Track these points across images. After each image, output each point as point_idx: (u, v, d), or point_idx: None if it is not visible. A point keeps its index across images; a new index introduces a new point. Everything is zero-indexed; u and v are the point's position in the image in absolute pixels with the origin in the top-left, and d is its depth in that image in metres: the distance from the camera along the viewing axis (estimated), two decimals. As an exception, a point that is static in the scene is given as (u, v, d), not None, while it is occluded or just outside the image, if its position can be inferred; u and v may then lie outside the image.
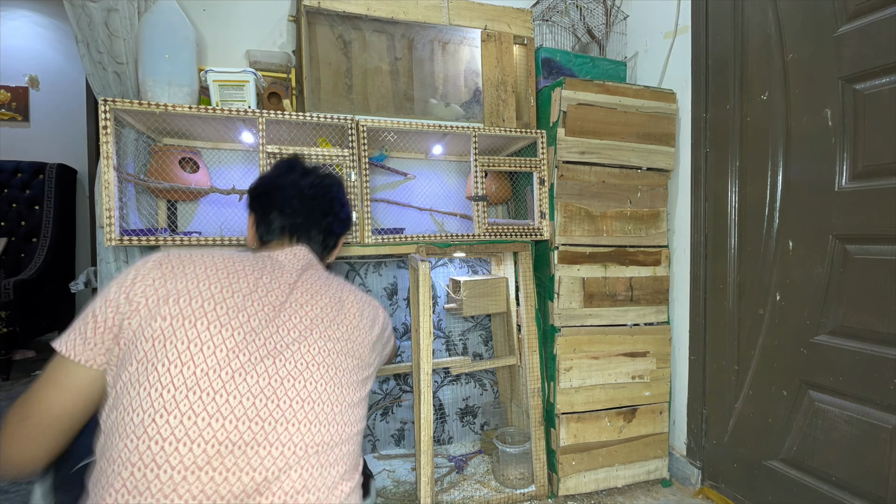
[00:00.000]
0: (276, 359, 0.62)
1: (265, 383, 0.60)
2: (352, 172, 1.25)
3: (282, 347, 0.63)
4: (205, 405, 0.55)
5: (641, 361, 1.46)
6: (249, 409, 0.57)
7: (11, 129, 3.11)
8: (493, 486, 1.42)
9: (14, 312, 2.39)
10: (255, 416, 0.58)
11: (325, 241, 0.87)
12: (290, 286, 0.71)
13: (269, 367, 0.61)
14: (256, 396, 0.58)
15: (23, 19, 3.15)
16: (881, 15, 0.99)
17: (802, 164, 1.15)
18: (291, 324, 0.67)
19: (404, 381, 1.66)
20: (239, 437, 0.56)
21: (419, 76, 1.57)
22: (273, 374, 0.61)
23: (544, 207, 1.41)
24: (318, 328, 0.69)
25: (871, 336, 1.02)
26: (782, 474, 1.19)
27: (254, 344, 0.61)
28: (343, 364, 0.69)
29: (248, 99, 1.30)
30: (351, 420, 0.67)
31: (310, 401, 0.62)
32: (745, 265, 1.30)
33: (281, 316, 0.66)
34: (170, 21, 1.23)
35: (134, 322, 0.58)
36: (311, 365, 0.65)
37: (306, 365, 0.64)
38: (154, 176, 1.25)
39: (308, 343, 0.66)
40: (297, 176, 0.87)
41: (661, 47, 1.59)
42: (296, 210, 0.84)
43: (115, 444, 0.54)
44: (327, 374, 0.66)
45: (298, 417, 0.61)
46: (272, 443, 0.58)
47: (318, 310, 0.71)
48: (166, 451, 0.53)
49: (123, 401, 0.55)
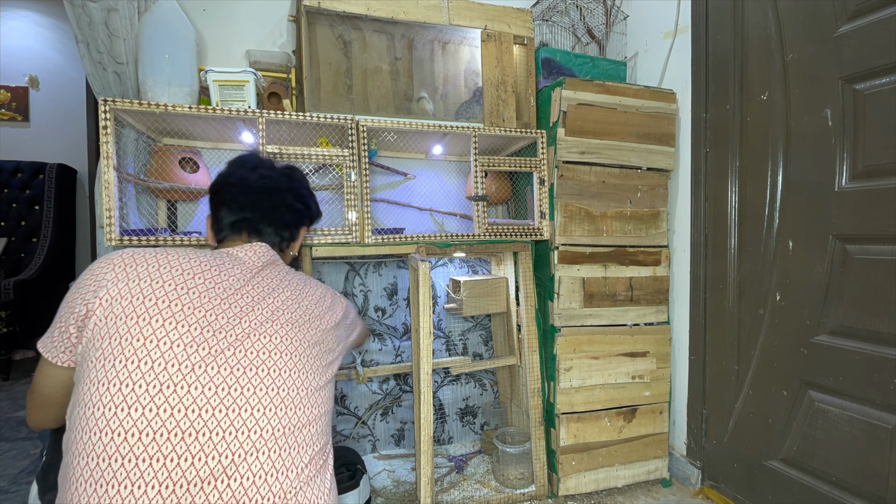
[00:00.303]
0: (236, 349, 0.64)
1: (227, 373, 0.62)
2: (352, 172, 1.25)
3: (242, 338, 0.66)
4: (166, 398, 0.58)
5: (641, 361, 1.46)
6: (212, 398, 0.60)
7: (11, 129, 3.10)
8: (493, 486, 1.42)
9: (14, 312, 2.39)
10: (218, 404, 0.60)
11: (279, 234, 0.87)
12: (247, 282, 0.73)
13: (230, 357, 0.63)
14: (219, 386, 0.61)
15: (23, 19, 3.15)
16: (881, 15, 0.99)
17: (802, 164, 1.15)
18: (252, 316, 0.69)
19: (404, 381, 1.66)
20: (203, 426, 0.58)
21: (419, 76, 1.57)
22: (234, 364, 0.63)
23: (544, 207, 1.41)
24: (279, 319, 0.71)
25: (871, 336, 1.02)
26: (782, 474, 1.19)
27: (214, 338, 0.64)
28: (306, 351, 0.72)
29: (248, 99, 1.30)
30: (316, 402, 0.71)
31: (273, 387, 0.65)
32: (745, 265, 1.30)
33: (240, 309, 0.69)
34: (170, 21, 1.23)
35: (90, 322, 0.61)
36: (274, 353, 0.67)
37: (268, 353, 0.67)
38: (154, 176, 1.25)
39: (269, 333, 0.69)
40: (247, 171, 0.87)
41: (661, 47, 1.59)
42: (243, 205, 0.84)
43: (79, 439, 0.56)
44: (290, 360, 0.69)
45: (263, 403, 0.63)
46: (238, 428, 0.60)
47: (279, 302, 0.74)
48: (129, 443, 0.55)
49: (84, 397, 0.57)
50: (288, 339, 0.70)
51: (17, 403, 2.16)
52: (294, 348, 0.71)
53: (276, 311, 0.72)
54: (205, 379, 0.61)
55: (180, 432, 0.57)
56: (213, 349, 0.63)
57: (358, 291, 1.60)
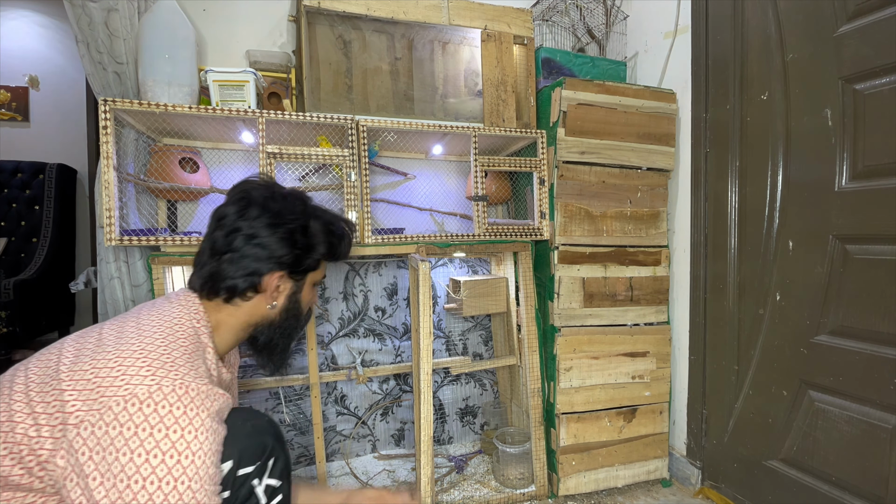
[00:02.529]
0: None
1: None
2: (352, 172, 1.25)
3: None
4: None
5: (641, 361, 1.46)
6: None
7: (11, 129, 3.10)
8: (493, 486, 1.42)
9: (14, 312, 2.39)
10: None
11: (213, 284, 0.76)
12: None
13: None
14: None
15: (23, 19, 3.15)
16: (881, 15, 0.99)
17: (802, 164, 1.15)
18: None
19: (404, 381, 1.66)
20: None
21: (419, 76, 1.57)
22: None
23: (544, 207, 1.41)
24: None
25: (871, 336, 1.02)
26: (782, 474, 1.19)
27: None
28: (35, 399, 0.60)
29: (248, 99, 1.30)
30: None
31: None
32: (745, 265, 1.30)
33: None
34: (170, 21, 1.23)
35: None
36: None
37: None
38: (154, 176, 1.25)
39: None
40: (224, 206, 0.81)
41: (661, 47, 1.59)
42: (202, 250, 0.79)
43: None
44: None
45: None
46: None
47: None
48: None
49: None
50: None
51: (17, 403, 2.15)
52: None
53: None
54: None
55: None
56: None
57: (358, 291, 1.60)
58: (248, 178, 0.85)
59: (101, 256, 1.24)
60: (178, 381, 0.61)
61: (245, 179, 0.85)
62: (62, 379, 0.60)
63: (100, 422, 0.56)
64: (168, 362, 0.62)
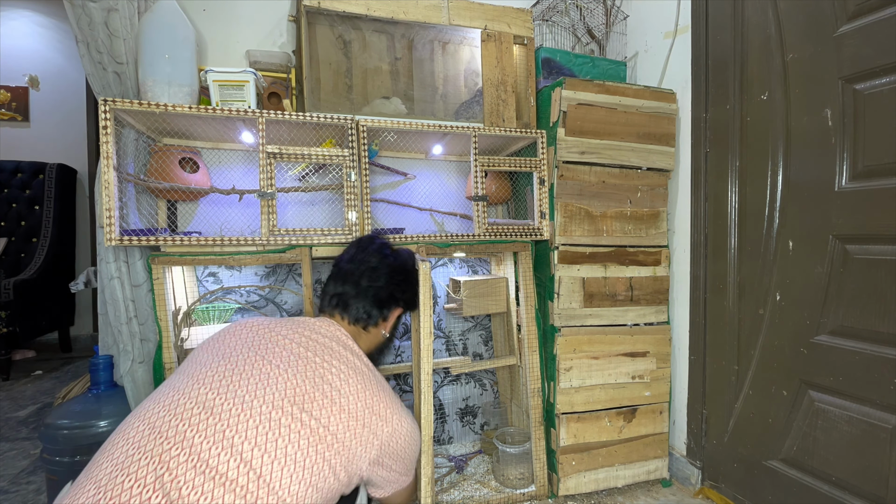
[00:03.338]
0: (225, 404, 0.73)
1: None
2: (352, 172, 1.25)
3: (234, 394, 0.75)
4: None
5: (641, 361, 1.46)
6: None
7: (11, 129, 3.11)
8: (493, 486, 1.42)
9: (14, 312, 2.39)
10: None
11: (367, 311, 1.02)
12: (299, 352, 0.85)
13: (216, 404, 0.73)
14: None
15: (23, 19, 3.15)
16: (881, 15, 0.99)
17: (802, 164, 1.15)
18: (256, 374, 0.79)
19: (404, 381, 1.66)
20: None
21: (419, 76, 1.57)
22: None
23: (544, 207, 1.41)
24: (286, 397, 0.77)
25: (871, 336, 1.02)
26: (782, 474, 1.19)
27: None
28: (304, 444, 0.73)
29: (248, 99, 1.30)
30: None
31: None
32: (745, 265, 1.30)
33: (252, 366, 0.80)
34: (170, 21, 1.23)
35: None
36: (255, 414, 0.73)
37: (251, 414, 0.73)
38: (154, 176, 1.25)
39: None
40: (356, 251, 1.09)
41: (661, 47, 1.59)
42: (336, 281, 1.05)
43: None
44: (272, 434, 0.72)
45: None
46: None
47: (295, 378, 0.80)
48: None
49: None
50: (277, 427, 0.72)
51: (16, 403, 2.15)
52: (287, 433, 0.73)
53: (291, 388, 0.78)
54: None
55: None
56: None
57: (358, 291, 1.60)
58: (383, 243, 1.14)
59: (100, 256, 1.24)
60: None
61: (382, 243, 1.13)
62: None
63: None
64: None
